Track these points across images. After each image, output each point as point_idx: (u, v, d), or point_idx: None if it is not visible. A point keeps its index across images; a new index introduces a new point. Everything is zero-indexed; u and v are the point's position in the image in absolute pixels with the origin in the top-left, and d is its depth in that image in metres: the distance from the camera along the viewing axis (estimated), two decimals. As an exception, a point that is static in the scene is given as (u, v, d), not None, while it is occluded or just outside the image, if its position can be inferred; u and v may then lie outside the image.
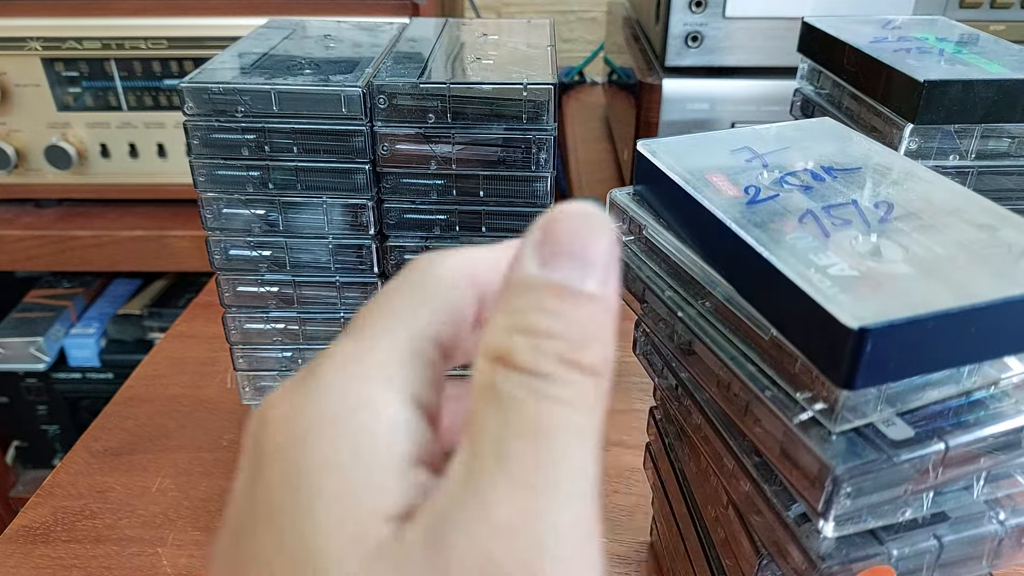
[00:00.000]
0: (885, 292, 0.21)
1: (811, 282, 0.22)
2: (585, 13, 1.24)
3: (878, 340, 0.20)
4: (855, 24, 0.47)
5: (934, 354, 0.21)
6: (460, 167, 0.39)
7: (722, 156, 0.29)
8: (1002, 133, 0.38)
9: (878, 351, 0.20)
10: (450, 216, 0.40)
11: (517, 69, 0.39)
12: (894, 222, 0.25)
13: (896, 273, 0.22)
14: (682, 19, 0.66)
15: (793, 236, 0.24)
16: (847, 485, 0.22)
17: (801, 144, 0.30)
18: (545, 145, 0.38)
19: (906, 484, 0.23)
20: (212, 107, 0.38)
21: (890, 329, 0.20)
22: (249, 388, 0.46)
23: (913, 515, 0.24)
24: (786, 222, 0.25)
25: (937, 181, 0.27)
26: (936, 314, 0.21)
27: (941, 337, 0.21)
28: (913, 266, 0.22)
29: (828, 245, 0.23)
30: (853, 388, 0.21)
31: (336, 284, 0.42)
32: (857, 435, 0.22)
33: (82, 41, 0.76)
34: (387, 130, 0.38)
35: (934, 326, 0.21)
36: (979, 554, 0.26)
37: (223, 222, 0.41)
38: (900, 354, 0.21)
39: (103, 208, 0.84)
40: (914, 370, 0.22)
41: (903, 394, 0.23)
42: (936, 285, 0.22)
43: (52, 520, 0.43)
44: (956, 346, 0.22)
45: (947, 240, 0.24)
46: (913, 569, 0.25)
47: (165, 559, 0.40)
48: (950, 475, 0.23)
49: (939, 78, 0.36)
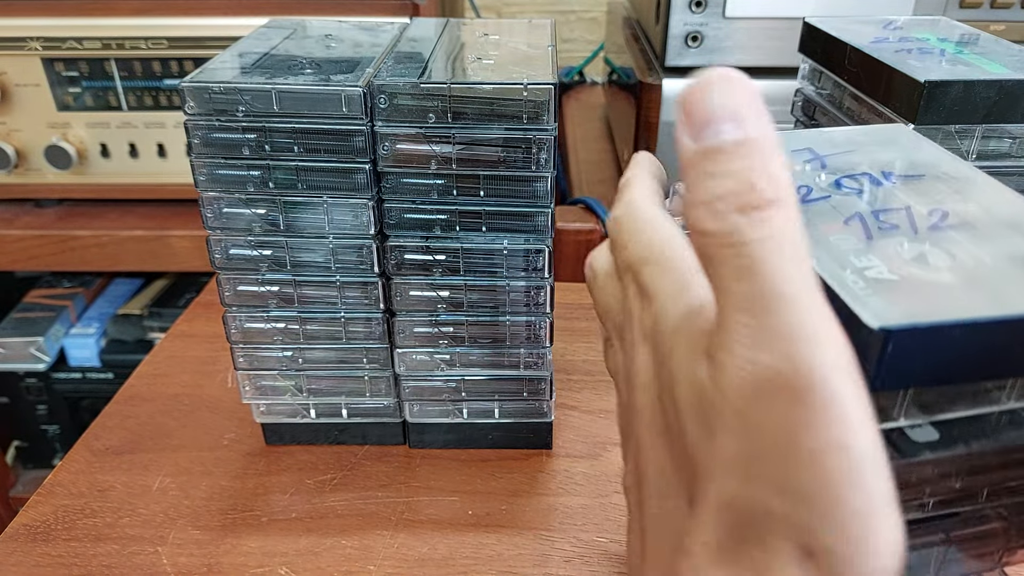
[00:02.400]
0: (919, 297, 0.21)
1: (842, 281, 0.22)
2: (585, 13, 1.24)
3: (900, 343, 0.20)
4: (856, 24, 0.47)
5: (963, 364, 0.21)
6: (460, 167, 0.39)
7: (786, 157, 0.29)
8: (1003, 134, 0.38)
9: (899, 354, 0.20)
10: (450, 216, 0.40)
11: (518, 69, 0.39)
12: (947, 230, 0.24)
13: (937, 280, 0.22)
14: (682, 19, 0.66)
15: (837, 237, 0.24)
16: None
17: (867, 148, 0.30)
18: (545, 145, 0.38)
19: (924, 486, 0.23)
20: (213, 107, 0.38)
21: (913, 332, 0.20)
22: (249, 387, 0.46)
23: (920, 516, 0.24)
24: (832, 223, 0.25)
25: (1004, 193, 0.27)
26: (965, 322, 0.20)
27: (971, 347, 0.21)
28: (956, 275, 0.22)
29: (871, 248, 0.23)
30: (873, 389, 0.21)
31: (336, 284, 0.42)
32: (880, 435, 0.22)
33: (82, 41, 0.76)
34: (388, 130, 0.38)
35: (962, 334, 0.20)
36: (988, 551, 0.26)
37: (224, 221, 0.41)
38: (924, 360, 0.21)
39: (103, 208, 0.84)
40: (940, 378, 0.22)
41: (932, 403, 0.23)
42: (976, 294, 0.21)
43: (53, 519, 0.43)
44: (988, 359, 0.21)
45: (999, 252, 0.23)
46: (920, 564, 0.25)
47: (165, 558, 0.41)
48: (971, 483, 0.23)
49: (940, 78, 0.36)
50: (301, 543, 0.41)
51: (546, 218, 0.41)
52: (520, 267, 0.42)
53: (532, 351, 0.45)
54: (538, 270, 0.42)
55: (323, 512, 0.44)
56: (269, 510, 0.44)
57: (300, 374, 0.46)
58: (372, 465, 0.47)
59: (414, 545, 0.41)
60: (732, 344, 0.18)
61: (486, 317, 0.43)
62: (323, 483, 0.46)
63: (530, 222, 0.41)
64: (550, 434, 0.48)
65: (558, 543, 0.42)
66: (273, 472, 0.46)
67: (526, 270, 0.42)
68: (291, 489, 0.45)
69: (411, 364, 0.45)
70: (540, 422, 0.47)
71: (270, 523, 0.43)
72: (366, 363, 0.45)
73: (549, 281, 0.42)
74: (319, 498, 0.44)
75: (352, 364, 0.45)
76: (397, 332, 0.44)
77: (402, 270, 0.42)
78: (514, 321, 0.43)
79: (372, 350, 0.45)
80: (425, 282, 0.42)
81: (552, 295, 0.43)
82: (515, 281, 0.42)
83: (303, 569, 0.40)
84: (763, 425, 0.18)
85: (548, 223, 0.41)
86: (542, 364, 0.45)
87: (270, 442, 0.49)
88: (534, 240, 0.41)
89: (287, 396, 0.46)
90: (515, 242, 0.41)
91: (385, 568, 0.40)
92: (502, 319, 0.43)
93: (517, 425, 0.47)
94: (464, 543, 0.42)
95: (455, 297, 0.43)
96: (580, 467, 0.47)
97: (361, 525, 0.43)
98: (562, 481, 0.46)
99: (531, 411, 0.47)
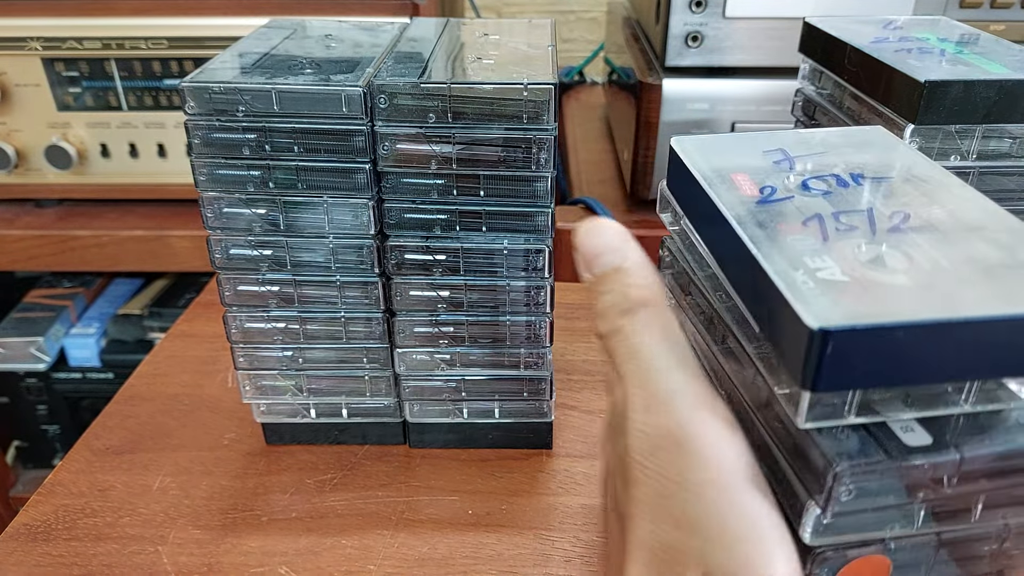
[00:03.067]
0: (867, 298, 0.21)
1: (791, 282, 0.22)
2: (585, 13, 1.24)
3: (840, 343, 0.20)
4: (856, 24, 0.47)
5: (909, 366, 0.21)
6: (461, 167, 0.39)
7: (753, 156, 0.29)
8: (1003, 133, 0.38)
9: (840, 355, 0.20)
10: (450, 216, 0.40)
11: (518, 69, 0.39)
12: (908, 232, 0.24)
13: (889, 282, 0.22)
14: (682, 19, 0.66)
15: (794, 238, 0.24)
16: (848, 481, 0.22)
17: (840, 150, 0.30)
18: (545, 145, 0.38)
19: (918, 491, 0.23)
20: (213, 106, 0.38)
21: (853, 334, 0.20)
22: (250, 387, 0.46)
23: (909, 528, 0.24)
24: (792, 224, 0.25)
25: (971, 198, 0.26)
26: (908, 324, 0.20)
27: (917, 349, 0.20)
28: (911, 277, 0.22)
29: (827, 249, 0.23)
30: (815, 389, 0.21)
31: (337, 283, 0.43)
32: (870, 436, 0.23)
33: (82, 41, 0.76)
34: (388, 130, 0.38)
35: (906, 336, 0.20)
36: (980, 554, 0.25)
37: (224, 221, 0.41)
38: (867, 361, 0.20)
39: (103, 208, 0.84)
40: (883, 380, 0.21)
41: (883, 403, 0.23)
42: (927, 297, 0.21)
43: (53, 518, 0.43)
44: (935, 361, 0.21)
45: (958, 255, 0.23)
46: (911, 563, 0.25)
47: (166, 557, 0.41)
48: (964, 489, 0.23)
49: (940, 78, 0.36)
50: (301, 543, 0.42)
51: (546, 218, 0.41)
52: (520, 267, 0.42)
53: (532, 351, 0.45)
54: (538, 270, 0.42)
55: (323, 512, 0.44)
56: (269, 510, 0.44)
57: (300, 374, 0.46)
58: (372, 465, 0.47)
59: (414, 545, 0.42)
60: (631, 412, 0.24)
61: (486, 317, 0.43)
62: (323, 483, 0.46)
63: (530, 222, 0.41)
64: (550, 434, 0.48)
65: (558, 543, 0.42)
66: (273, 472, 0.46)
67: (526, 270, 0.42)
68: (291, 489, 0.45)
69: (411, 364, 0.45)
70: (540, 422, 0.47)
71: (270, 523, 0.43)
72: (366, 363, 0.45)
73: (549, 281, 0.42)
74: (319, 498, 0.44)
75: (352, 364, 0.45)
76: (397, 332, 0.44)
77: (402, 270, 0.42)
78: (514, 321, 0.43)
79: (372, 350, 0.45)
80: (425, 282, 0.42)
81: (552, 295, 0.43)
82: (515, 281, 0.42)
83: (303, 569, 0.40)
84: (661, 472, 0.23)
85: (548, 223, 0.41)
86: (542, 364, 0.45)
87: (270, 442, 0.49)
88: (534, 240, 0.41)
89: (287, 396, 0.46)
90: (515, 242, 0.41)
91: (385, 568, 0.40)
92: (502, 319, 0.43)
93: (517, 425, 0.47)
94: (464, 543, 0.42)
95: (455, 297, 0.43)
96: (580, 467, 0.47)
97: (361, 525, 0.43)
98: (562, 481, 0.46)
99: (531, 411, 0.47)
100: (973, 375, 0.22)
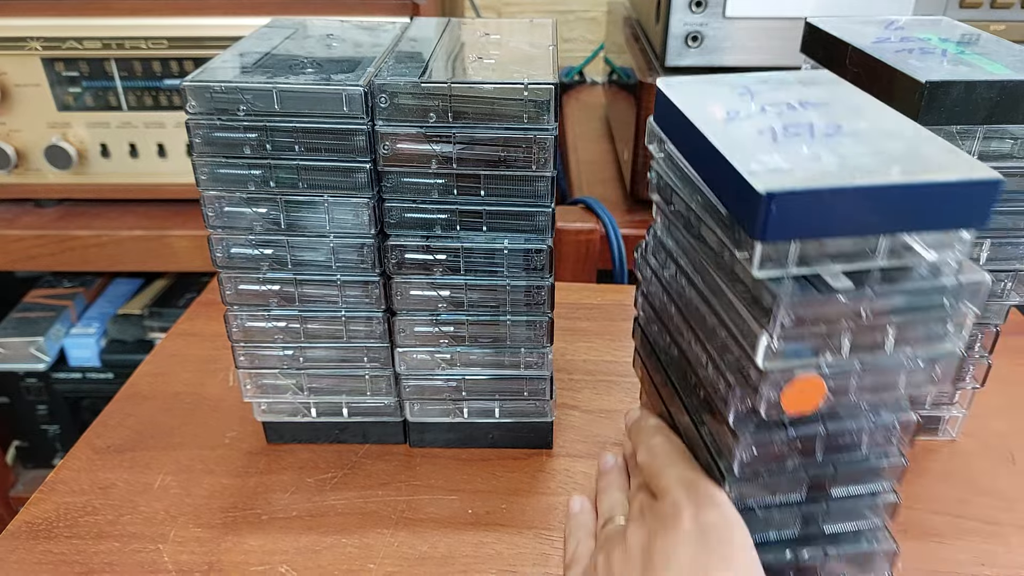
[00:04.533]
0: (803, 176, 0.28)
1: (746, 168, 0.28)
2: (585, 13, 1.24)
3: (781, 203, 0.27)
4: (858, 25, 0.47)
5: (833, 221, 0.28)
6: (461, 166, 0.39)
7: (725, 93, 0.36)
8: (1005, 134, 0.38)
9: (781, 212, 0.27)
10: (451, 215, 0.41)
11: (518, 69, 0.39)
12: (839, 137, 0.31)
13: (821, 168, 0.29)
14: (682, 19, 0.67)
15: (751, 142, 0.31)
16: (788, 308, 0.29)
17: (793, 86, 0.37)
18: (546, 145, 0.39)
19: (843, 320, 0.30)
20: (214, 106, 0.38)
21: (790, 195, 0.27)
22: (250, 385, 0.46)
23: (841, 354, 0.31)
24: (749, 134, 0.32)
25: (891, 115, 0.34)
26: (831, 188, 0.27)
27: (838, 207, 0.28)
28: (837, 164, 0.29)
29: (776, 149, 0.30)
30: (764, 240, 0.28)
31: (337, 282, 0.43)
32: (807, 282, 0.30)
33: (82, 41, 0.76)
34: (388, 129, 0.38)
35: (830, 198, 0.27)
36: (895, 383, 0.32)
37: (225, 220, 0.41)
38: (801, 217, 0.28)
39: (103, 208, 0.84)
40: (815, 232, 0.28)
41: (816, 259, 0.30)
42: (847, 173, 0.28)
43: (55, 516, 0.43)
44: (852, 217, 0.28)
45: (874, 149, 0.30)
46: (842, 389, 0.32)
47: (166, 555, 0.41)
48: (877, 323, 0.30)
49: (941, 79, 0.36)
50: (301, 541, 0.42)
51: (547, 217, 0.41)
52: (520, 266, 0.42)
53: (532, 351, 0.45)
54: (538, 270, 0.42)
55: (323, 510, 0.44)
56: (270, 508, 0.44)
57: (301, 373, 0.46)
58: (372, 464, 0.47)
59: (414, 543, 0.42)
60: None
61: (487, 316, 0.43)
62: (323, 482, 0.46)
63: (530, 222, 0.41)
64: (550, 433, 0.48)
65: (558, 542, 0.42)
66: (274, 470, 0.47)
67: (526, 270, 0.42)
68: (292, 487, 0.45)
69: (412, 363, 0.45)
70: (540, 421, 0.47)
71: (271, 521, 0.43)
72: (367, 362, 0.45)
73: (549, 280, 0.42)
74: (319, 496, 0.45)
75: (353, 363, 0.45)
76: (398, 331, 0.44)
77: (403, 269, 0.42)
78: (514, 321, 0.44)
79: (373, 349, 0.45)
80: (426, 281, 0.42)
81: (552, 294, 0.43)
82: (515, 281, 0.42)
83: (303, 567, 0.40)
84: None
85: (548, 223, 0.41)
86: (542, 364, 0.45)
87: (271, 440, 0.49)
88: (534, 240, 0.41)
89: (288, 395, 0.46)
90: (515, 242, 0.41)
91: (385, 566, 0.40)
92: (502, 318, 0.43)
93: (518, 424, 0.47)
94: (464, 542, 0.42)
95: (456, 296, 0.43)
96: (580, 466, 0.47)
97: (361, 523, 0.43)
98: (562, 480, 0.46)
99: (532, 411, 0.47)
100: (880, 229, 0.29)
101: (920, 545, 0.42)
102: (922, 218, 0.29)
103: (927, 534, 0.42)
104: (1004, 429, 0.50)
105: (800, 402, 0.32)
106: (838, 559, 0.35)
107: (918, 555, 0.41)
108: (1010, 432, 0.50)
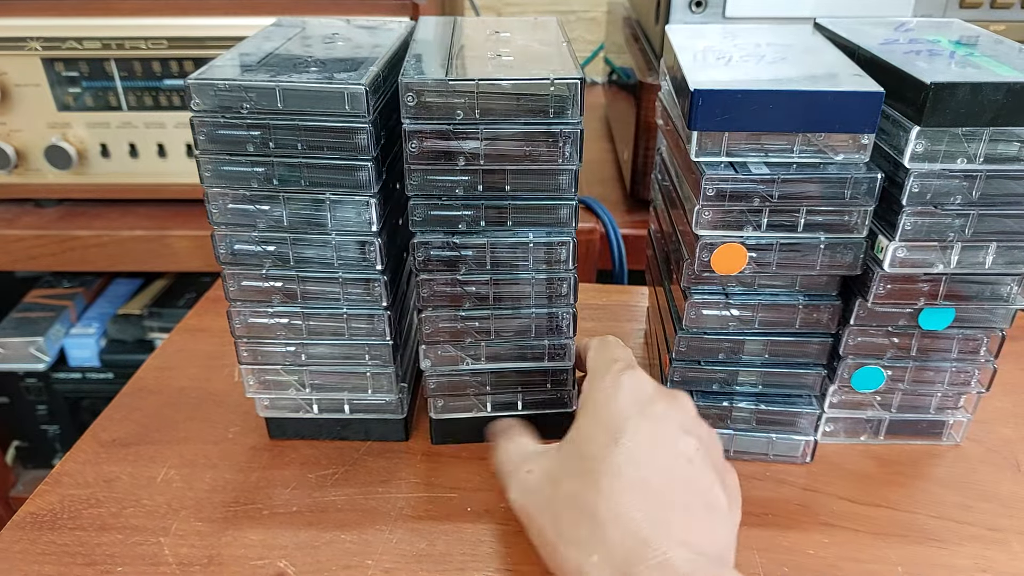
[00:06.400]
0: (733, 82, 0.37)
1: (695, 78, 0.37)
2: (585, 13, 1.25)
3: (706, 98, 0.36)
4: (867, 26, 0.47)
5: (751, 118, 0.36)
6: (487, 163, 0.39)
7: (712, 34, 0.47)
8: (1011, 137, 0.37)
9: (706, 105, 0.36)
10: (476, 212, 0.41)
11: (537, 65, 0.39)
12: (781, 65, 0.40)
13: (752, 79, 0.38)
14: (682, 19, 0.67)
15: (710, 65, 0.40)
16: (713, 180, 0.38)
17: (767, 36, 0.46)
18: (572, 138, 0.39)
19: (758, 199, 0.39)
20: (218, 103, 0.38)
21: (712, 93, 0.36)
22: (253, 381, 0.46)
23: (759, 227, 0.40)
24: (711, 60, 0.41)
25: (834, 55, 0.43)
26: (745, 89, 0.36)
27: (752, 106, 0.36)
28: (768, 80, 0.37)
29: (728, 70, 0.40)
30: (694, 128, 0.37)
31: (339, 280, 0.43)
32: (733, 168, 0.38)
33: (82, 41, 0.76)
34: (415, 127, 0.38)
35: (743, 96, 0.36)
36: (812, 263, 0.41)
37: (228, 217, 0.41)
38: (724, 111, 0.36)
39: (103, 208, 0.84)
40: (737, 125, 0.37)
41: (743, 151, 0.38)
42: (769, 82, 0.37)
43: (59, 508, 0.43)
44: (769, 115, 0.36)
45: (807, 75, 0.39)
46: (764, 260, 0.41)
47: (167, 548, 0.41)
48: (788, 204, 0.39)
49: (946, 80, 0.36)
50: (301, 536, 0.42)
51: (570, 210, 0.41)
52: (543, 260, 0.42)
53: (555, 342, 0.45)
54: (562, 262, 0.42)
55: (324, 506, 0.44)
56: (271, 503, 0.44)
57: (303, 369, 0.46)
58: (373, 461, 0.47)
59: (413, 541, 0.42)
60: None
61: (510, 310, 0.44)
62: (324, 478, 0.46)
63: (554, 215, 0.41)
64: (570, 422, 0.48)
65: (558, 536, 0.42)
66: (276, 466, 0.47)
67: (549, 263, 0.42)
68: (293, 483, 0.46)
69: (437, 359, 0.45)
70: (561, 412, 0.48)
71: (271, 516, 0.43)
72: (368, 359, 0.46)
73: (573, 272, 0.43)
74: (320, 492, 0.45)
75: (354, 360, 0.46)
76: (423, 328, 0.44)
77: (428, 267, 0.42)
78: (538, 313, 0.44)
79: (374, 346, 0.45)
80: (451, 278, 0.43)
81: (575, 286, 0.43)
82: (539, 274, 0.43)
83: (302, 562, 0.40)
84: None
85: (572, 215, 0.41)
86: (565, 355, 0.45)
87: (273, 436, 0.49)
88: (558, 232, 0.42)
89: (290, 391, 0.47)
90: (539, 235, 0.42)
91: (383, 563, 0.40)
92: (526, 311, 0.44)
93: (538, 417, 0.47)
94: (462, 539, 0.42)
95: (481, 291, 0.43)
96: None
97: (361, 520, 0.43)
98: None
99: (554, 401, 0.47)
100: (787, 127, 0.37)
101: (920, 550, 0.42)
102: (821, 120, 0.37)
103: (928, 539, 0.42)
104: (1010, 435, 0.50)
105: (726, 265, 0.40)
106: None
107: (918, 560, 0.41)
108: (1016, 438, 0.50)
